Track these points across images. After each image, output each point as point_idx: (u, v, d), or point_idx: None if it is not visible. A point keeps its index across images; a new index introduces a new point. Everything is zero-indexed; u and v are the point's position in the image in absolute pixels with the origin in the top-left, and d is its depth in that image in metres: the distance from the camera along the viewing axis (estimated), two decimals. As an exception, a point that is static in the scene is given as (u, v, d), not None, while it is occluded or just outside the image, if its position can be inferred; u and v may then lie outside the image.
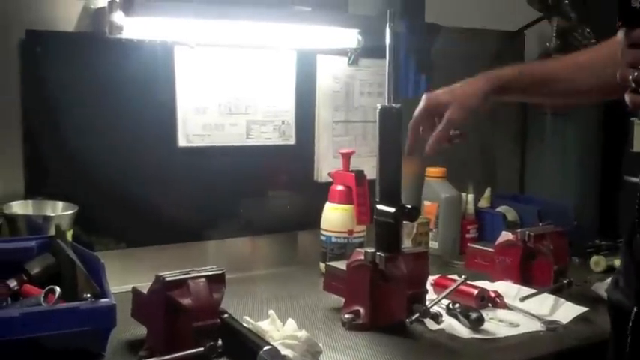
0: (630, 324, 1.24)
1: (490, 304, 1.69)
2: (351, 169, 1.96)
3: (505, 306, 1.71)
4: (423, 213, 2.20)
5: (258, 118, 2.01)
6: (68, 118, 1.75)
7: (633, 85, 1.04)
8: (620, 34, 1.06)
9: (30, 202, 1.69)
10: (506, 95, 1.53)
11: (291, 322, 1.43)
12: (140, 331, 1.43)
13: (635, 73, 1.03)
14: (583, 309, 1.69)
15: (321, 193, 2.00)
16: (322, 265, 1.91)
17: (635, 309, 1.24)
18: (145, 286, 1.39)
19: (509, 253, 1.89)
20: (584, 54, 1.55)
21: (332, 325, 1.60)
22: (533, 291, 1.76)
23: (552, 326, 1.62)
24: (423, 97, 1.54)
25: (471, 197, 2.29)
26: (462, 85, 1.52)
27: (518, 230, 1.90)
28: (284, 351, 1.32)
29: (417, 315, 1.50)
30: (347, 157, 1.97)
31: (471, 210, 2.29)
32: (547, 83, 1.51)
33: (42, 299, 1.33)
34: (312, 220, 2.01)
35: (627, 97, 1.06)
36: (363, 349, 1.48)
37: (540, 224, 1.99)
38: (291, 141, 2.09)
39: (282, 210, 2.09)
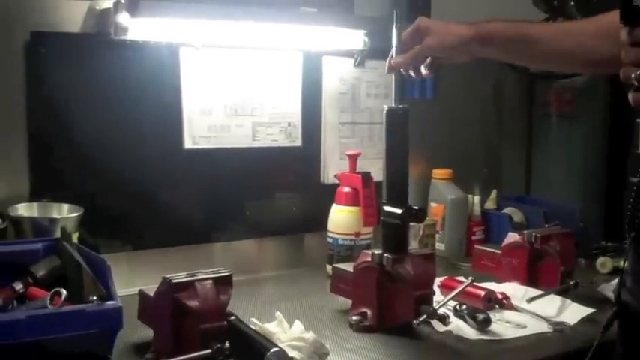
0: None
1: (497, 306, 1.69)
2: (357, 171, 1.96)
3: (512, 307, 1.71)
4: (430, 214, 2.20)
5: (264, 119, 2.01)
6: (73, 120, 1.74)
7: (636, 83, 1.03)
8: (623, 33, 1.05)
9: (35, 204, 1.69)
10: (489, 47, 1.55)
11: (298, 324, 1.43)
12: (147, 333, 1.43)
13: (638, 72, 1.02)
14: (590, 310, 1.69)
15: (328, 194, 2.00)
16: (329, 267, 1.91)
17: None
18: (151, 289, 1.38)
19: (515, 254, 1.89)
20: (572, 23, 1.55)
21: (339, 327, 1.60)
22: (540, 292, 1.76)
23: (559, 327, 1.62)
24: (418, 19, 1.58)
25: (477, 199, 2.29)
26: (453, 24, 1.56)
27: (525, 231, 1.90)
28: (291, 353, 1.31)
29: (424, 316, 1.50)
30: (353, 158, 1.97)
31: (477, 211, 2.28)
32: (529, 43, 1.51)
33: (48, 302, 1.33)
34: (318, 222, 2.00)
35: (630, 96, 1.05)
36: (370, 350, 1.48)
37: (546, 225, 1.99)
38: (298, 143, 2.08)
39: (289, 212, 2.09)
